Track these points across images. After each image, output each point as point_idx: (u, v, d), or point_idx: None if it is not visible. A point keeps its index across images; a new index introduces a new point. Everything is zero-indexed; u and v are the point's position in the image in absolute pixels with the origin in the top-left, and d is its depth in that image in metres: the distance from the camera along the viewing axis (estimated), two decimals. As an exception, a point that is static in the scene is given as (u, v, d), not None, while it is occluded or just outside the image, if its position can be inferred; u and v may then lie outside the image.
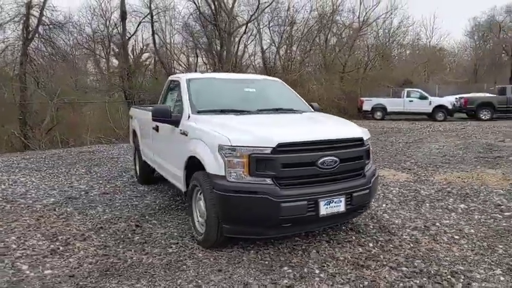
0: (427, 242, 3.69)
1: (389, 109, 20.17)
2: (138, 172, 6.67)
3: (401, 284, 2.90)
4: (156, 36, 17.02)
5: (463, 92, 25.94)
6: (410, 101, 20.12)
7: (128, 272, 3.18)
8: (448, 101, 20.18)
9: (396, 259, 3.34)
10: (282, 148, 3.21)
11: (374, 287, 2.88)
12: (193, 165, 3.86)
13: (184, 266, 3.26)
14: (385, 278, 3.01)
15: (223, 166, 3.28)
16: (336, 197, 3.36)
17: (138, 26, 18.09)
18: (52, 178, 7.10)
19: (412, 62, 29.63)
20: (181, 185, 4.24)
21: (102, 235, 4.11)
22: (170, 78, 5.22)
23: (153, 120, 4.43)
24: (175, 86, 4.93)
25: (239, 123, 3.73)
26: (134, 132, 6.83)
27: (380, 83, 25.16)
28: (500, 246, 3.55)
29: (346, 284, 2.92)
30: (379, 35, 27.09)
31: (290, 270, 3.15)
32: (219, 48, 19.86)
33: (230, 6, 19.66)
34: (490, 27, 36.73)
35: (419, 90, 20.70)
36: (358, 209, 3.69)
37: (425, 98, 20.00)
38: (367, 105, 20.42)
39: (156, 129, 4.97)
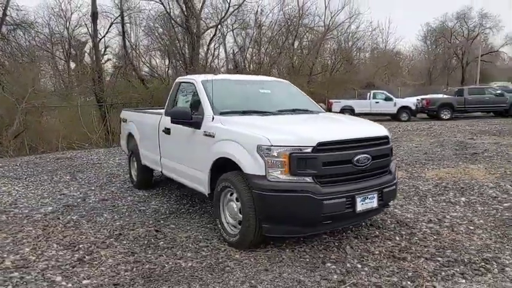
0: (447, 233, 3.91)
1: (357, 110, 20.86)
2: (135, 177, 6.49)
3: (443, 273, 3.06)
4: (124, 39, 16.56)
5: (421, 93, 27.41)
6: (376, 102, 20.94)
7: (172, 277, 3.11)
8: (411, 102, 21.22)
9: (427, 250, 3.51)
10: (322, 147, 3.29)
11: (418, 276, 3.02)
12: (220, 166, 3.86)
13: (228, 268, 3.24)
14: (424, 268, 3.16)
15: (263, 166, 3.30)
16: (369, 193, 3.49)
17: (109, 27, 17.57)
18: (37, 186, 6.74)
19: (373, 65, 30.84)
20: (203, 188, 4.19)
21: (124, 242, 3.98)
22: (179, 80, 5.14)
23: (172, 122, 4.36)
24: (188, 88, 4.87)
25: (271, 123, 3.77)
26: (129, 136, 6.65)
27: (345, 85, 25.98)
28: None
29: (392, 276, 3.04)
30: (343, 39, 27.99)
31: (334, 266, 3.23)
32: (187, 51, 19.67)
33: (199, 9, 19.54)
34: (442, 33, 39.03)
35: (385, 92, 21.61)
36: (386, 204, 3.85)
37: (390, 99, 20.90)
38: (336, 107, 21.01)
39: (167, 132, 4.88)
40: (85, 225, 4.56)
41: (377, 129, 3.82)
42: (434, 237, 3.83)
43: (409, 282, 2.93)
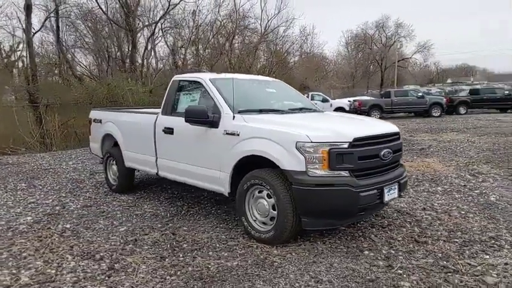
0: (447, 218, 4.37)
1: (296, 111, 21.66)
2: (113, 180, 6.13)
3: (467, 251, 3.45)
4: (58, 34, 15.17)
5: (348, 95, 29.41)
6: (315, 103, 21.99)
7: (227, 276, 3.07)
8: (344, 103, 22.69)
9: (441, 234, 3.90)
10: (357, 142, 3.49)
11: (449, 256, 3.37)
12: (244, 164, 3.88)
13: (276, 263, 3.28)
14: (449, 249, 3.53)
15: (303, 162, 3.40)
16: (393, 184, 3.78)
17: (45, 21, 15.84)
18: (-7, 196, 6.04)
19: (306, 68, 32.27)
20: (221, 188, 4.16)
21: (145, 247, 3.79)
22: (178, 78, 4.98)
23: (186, 121, 4.25)
24: (191, 86, 4.76)
25: (299, 121, 3.88)
26: (105, 137, 6.25)
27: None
28: (499, 217, 4.41)
29: (427, 258, 3.35)
30: (279, 42, 28.89)
31: (372, 254, 3.45)
32: (122, 49, 18.76)
33: (134, 7, 18.77)
34: (363, 40, 42.23)
35: (321, 93, 22.80)
36: (401, 195, 4.18)
37: (327, 100, 22.14)
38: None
39: (169, 131, 4.72)
40: (86, 234, 4.24)
41: (391, 126, 4.14)
42: (438, 222, 4.26)
43: (445, 262, 3.25)
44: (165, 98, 5.01)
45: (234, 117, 4.04)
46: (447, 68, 74.31)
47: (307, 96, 22.44)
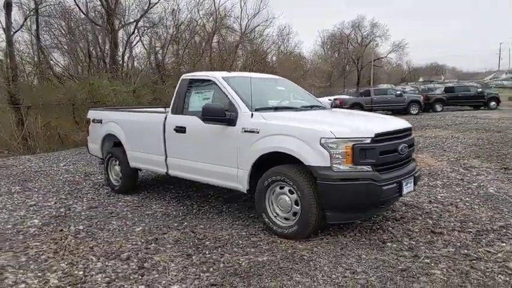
0: (455, 210, 4.56)
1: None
2: (115, 181, 6.04)
3: (483, 240, 3.63)
4: (39, 33, 14.61)
5: (326, 94, 29.86)
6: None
7: (261, 271, 3.11)
8: (326, 102, 23.01)
9: (454, 224, 4.08)
10: (378, 138, 3.61)
11: (467, 245, 3.53)
12: (261, 161, 3.93)
13: (306, 257, 3.35)
14: (465, 238, 3.70)
15: (328, 158, 3.48)
16: (409, 178, 3.92)
17: (25, 20, 15.18)
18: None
19: (285, 67, 32.47)
20: (239, 185, 4.19)
21: (168, 246, 3.78)
22: (187, 77, 4.95)
23: (204, 120, 4.26)
24: (203, 85, 4.76)
25: (318, 118, 3.96)
26: (106, 138, 6.15)
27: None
28: (502, 207, 4.64)
29: (447, 247, 3.50)
30: (259, 41, 28.99)
31: (395, 245, 3.57)
32: (102, 49, 18.38)
33: (113, 5, 18.40)
34: (340, 39, 42.96)
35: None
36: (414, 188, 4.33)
37: (309, 99, 22.36)
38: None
39: (180, 130, 4.70)
40: (102, 234, 4.17)
41: (404, 122, 4.28)
42: (448, 214, 4.44)
43: (465, 250, 3.41)
44: (174, 97, 4.98)
45: (252, 115, 4.07)
46: (418, 67, 76.70)
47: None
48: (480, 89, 24.91)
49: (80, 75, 17.60)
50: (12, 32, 12.75)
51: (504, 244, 3.52)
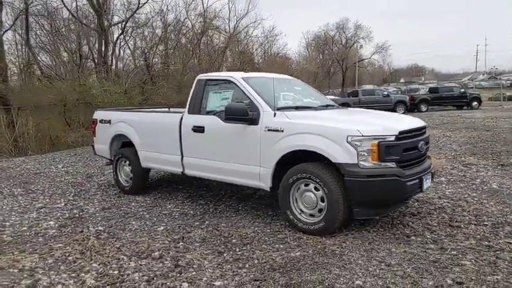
0: (466, 205, 4.73)
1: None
2: (125, 182, 6.01)
3: (501, 232, 3.79)
4: (28, 34, 14.23)
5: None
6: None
7: (298, 266, 3.18)
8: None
9: (469, 218, 4.24)
10: (402, 135, 3.74)
11: (487, 238, 3.69)
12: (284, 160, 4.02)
13: (337, 251, 3.44)
14: (483, 231, 3.86)
15: (355, 155, 3.59)
16: (427, 174, 4.06)
17: (16, 19, 14.74)
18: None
19: (272, 68, 32.64)
20: (262, 183, 4.25)
21: (197, 244, 3.82)
22: (203, 77, 4.97)
23: (227, 119, 4.31)
24: (221, 85, 4.81)
25: (342, 116, 4.08)
26: (115, 138, 6.12)
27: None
28: (510, 202, 4.84)
29: (469, 240, 3.65)
30: (249, 41, 29.11)
31: (420, 239, 3.70)
32: (92, 49, 18.11)
33: (106, 6, 18.19)
34: (325, 41, 43.46)
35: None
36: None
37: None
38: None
39: (199, 130, 4.74)
40: (124, 235, 4.18)
41: (419, 120, 4.43)
42: (460, 208, 4.61)
43: (487, 242, 3.57)
44: (190, 97, 5.00)
45: (274, 114, 4.14)
46: (399, 68, 78.30)
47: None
48: (463, 90, 25.65)
49: (69, 75, 17.30)
50: (2, 32, 12.46)
51: (523, 235, 3.70)
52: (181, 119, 5.02)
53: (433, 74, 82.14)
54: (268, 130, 4.12)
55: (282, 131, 4.02)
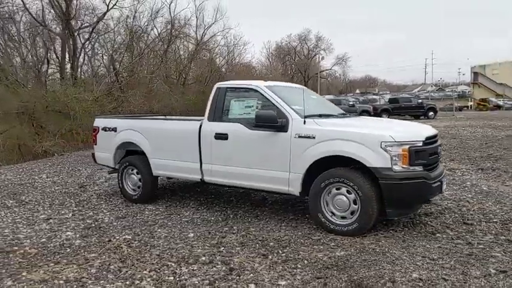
0: (469, 205, 5.15)
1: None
2: (132, 191, 5.90)
3: (511, 228, 4.22)
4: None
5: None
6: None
7: (348, 263, 3.36)
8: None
9: (477, 217, 4.64)
10: (427, 141, 4.07)
11: (502, 233, 4.07)
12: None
13: (378, 249, 3.65)
14: (495, 227, 4.26)
15: (389, 159, 3.86)
16: (444, 177, 4.43)
17: None
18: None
19: (238, 77, 32.90)
20: (292, 188, 4.40)
21: (237, 248, 3.89)
22: (223, 86, 5.05)
23: (257, 126, 4.44)
24: (245, 93, 4.92)
25: (368, 124, 4.35)
26: (120, 147, 6.02)
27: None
28: (504, 201, 5.33)
29: (486, 235, 4.02)
30: (217, 50, 29.17)
31: (445, 236, 4.01)
32: (57, 54, 17.38)
33: (76, 12, 17.60)
34: (288, 51, 44.54)
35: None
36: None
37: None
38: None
39: (223, 137, 4.81)
40: (156, 242, 4.15)
41: (432, 128, 4.81)
42: (465, 208, 5.02)
43: (504, 237, 3.95)
44: (210, 105, 5.07)
45: (304, 121, 4.34)
46: (354, 80, 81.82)
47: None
48: (420, 100, 27.36)
49: (32, 82, 16.49)
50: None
51: (531, 230, 4.14)
52: (200, 126, 5.07)
53: (386, 85, 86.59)
54: (299, 137, 4.30)
55: (314, 137, 4.21)
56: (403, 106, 26.46)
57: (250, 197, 6.01)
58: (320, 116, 4.64)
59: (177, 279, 3.23)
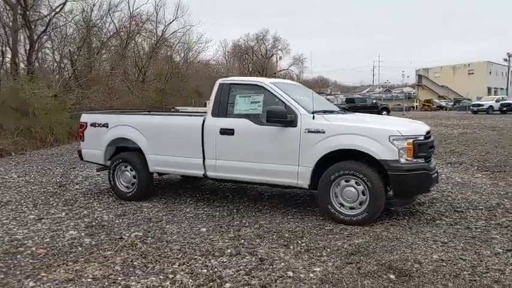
0: (453, 195, 5.59)
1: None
2: (128, 188, 5.75)
3: (497, 214, 4.64)
4: None
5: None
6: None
7: (371, 249, 3.57)
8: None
9: (464, 205, 5.06)
10: (427, 135, 4.40)
11: (491, 218, 4.50)
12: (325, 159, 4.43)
13: (391, 237, 3.90)
14: (483, 213, 4.68)
15: (396, 152, 4.13)
16: (437, 169, 4.81)
17: None
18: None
19: (197, 75, 32.65)
20: (300, 181, 4.56)
21: (257, 240, 3.96)
22: (227, 82, 5.07)
23: (268, 121, 4.54)
24: (250, 89, 4.98)
25: (372, 119, 4.61)
26: (112, 143, 5.85)
27: (181, 93, 26.79)
28: (480, 191, 5.86)
29: (478, 221, 4.42)
30: (178, 48, 28.69)
31: (444, 222, 4.37)
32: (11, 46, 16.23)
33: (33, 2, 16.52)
34: (245, 51, 44.76)
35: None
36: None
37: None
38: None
39: (229, 132, 4.86)
40: (172, 238, 4.13)
41: (425, 124, 5.18)
42: (450, 198, 5.46)
43: (494, 221, 4.37)
44: (214, 100, 5.09)
45: (313, 117, 4.51)
46: (307, 80, 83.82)
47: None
48: (374, 101, 28.79)
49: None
50: None
51: (518, 213, 4.63)
52: (203, 121, 5.08)
53: (337, 86, 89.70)
54: (309, 132, 4.46)
55: (324, 132, 4.39)
56: (359, 106, 27.71)
57: (246, 193, 6.09)
58: (324, 112, 4.84)
59: (211, 271, 3.25)
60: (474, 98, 40.86)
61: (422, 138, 4.31)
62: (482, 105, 32.63)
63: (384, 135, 4.16)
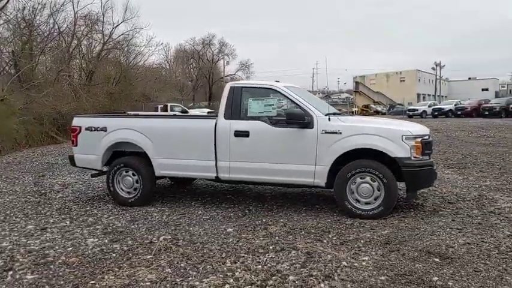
0: (438, 190, 6.16)
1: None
2: (129, 193, 5.60)
3: (485, 204, 5.21)
4: None
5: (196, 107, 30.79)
6: (174, 114, 22.40)
7: (401, 239, 3.89)
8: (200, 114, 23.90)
9: (453, 197, 5.61)
10: (430, 134, 4.88)
11: (482, 207, 5.05)
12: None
13: (411, 228, 4.27)
14: (473, 204, 5.24)
15: (409, 150, 4.54)
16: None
17: None
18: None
19: (145, 79, 31.68)
20: (317, 179, 4.80)
21: (290, 236, 4.11)
22: (238, 85, 5.19)
23: (288, 122, 4.73)
24: (262, 93, 5.13)
25: (382, 121, 4.98)
26: (111, 147, 5.67)
27: (129, 97, 25.92)
28: (460, 186, 6.54)
29: (473, 210, 4.97)
30: (126, 51, 27.60)
31: (446, 213, 4.84)
32: None
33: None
34: (192, 55, 44.34)
35: (181, 105, 23.33)
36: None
37: (186, 111, 22.81)
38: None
39: (244, 134, 4.97)
40: (200, 239, 4.14)
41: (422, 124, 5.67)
42: (439, 192, 6.01)
43: (487, 210, 4.93)
44: (225, 103, 5.16)
45: (329, 118, 4.78)
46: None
47: (168, 108, 22.56)
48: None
49: None
50: None
51: (500, 202, 5.25)
52: (216, 124, 5.13)
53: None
54: (326, 132, 4.73)
55: (340, 133, 4.68)
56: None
57: (246, 194, 6.20)
58: (334, 114, 5.14)
59: (265, 266, 3.36)
60: (406, 104, 44.24)
61: (427, 137, 4.78)
62: (417, 109, 35.48)
63: (398, 135, 4.55)
